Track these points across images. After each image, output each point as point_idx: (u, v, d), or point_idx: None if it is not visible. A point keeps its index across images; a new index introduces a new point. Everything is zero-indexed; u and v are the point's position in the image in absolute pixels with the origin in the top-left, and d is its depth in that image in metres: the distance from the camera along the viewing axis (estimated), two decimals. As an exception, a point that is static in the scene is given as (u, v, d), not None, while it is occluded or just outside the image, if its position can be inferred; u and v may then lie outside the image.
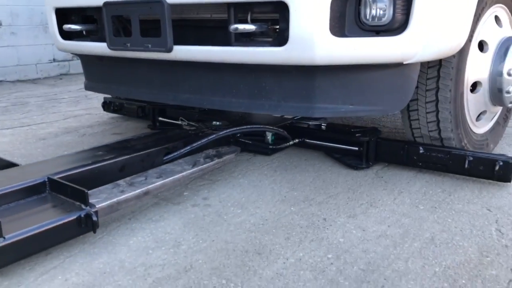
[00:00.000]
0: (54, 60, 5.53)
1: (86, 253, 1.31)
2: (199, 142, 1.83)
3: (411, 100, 1.76)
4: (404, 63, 1.55)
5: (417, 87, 1.73)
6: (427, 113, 1.78)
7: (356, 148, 1.96)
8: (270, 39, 1.62)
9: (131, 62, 2.04)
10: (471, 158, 1.73)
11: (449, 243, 1.33)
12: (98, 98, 3.81)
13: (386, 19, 1.47)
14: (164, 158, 1.78)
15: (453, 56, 1.66)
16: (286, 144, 2.09)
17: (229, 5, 1.62)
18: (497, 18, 1.91)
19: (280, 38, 1.55)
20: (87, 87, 2.40)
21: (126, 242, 1.36)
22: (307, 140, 2.11)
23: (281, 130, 2.05)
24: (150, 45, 1.78)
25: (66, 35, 2.20)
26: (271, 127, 2.05)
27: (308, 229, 1.42)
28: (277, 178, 1.86)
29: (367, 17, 1.49)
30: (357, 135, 1.94)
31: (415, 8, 1.44)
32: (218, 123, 2.13)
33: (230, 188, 1.77)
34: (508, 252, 1.28)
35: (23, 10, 5.17)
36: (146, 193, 1.51)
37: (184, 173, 1.64)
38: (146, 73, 2.04)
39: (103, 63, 2.22)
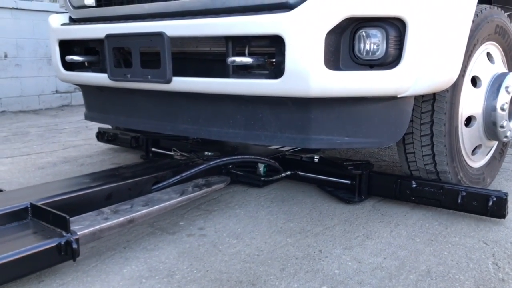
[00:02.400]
0: (56, 91, 5.61)
1: (79, 281, 1.29)
2: (188, 172, 1.82)
3: (406, 134, 1.78)
4: (398, 96, 1.57)
5: (412, 120, 1.76)
6: (422, 146, 1.80)
7: (349, 182, 1.94)
8: (266, 72, 1.66)
9: (131, 92, 2.08)
10: (464, 193, 1.71)
11: (445, 276, 1.31)
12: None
13: (379, 54, 1.51)
14: (153, 187, 1.76)
15: (447, 90, 1.70)
16: (278, 176, 2.07)
17: (227, 38, 1.66)
18: (489, 55, 1.96)
19: (276, 70, 1.59)
20: (87, 117, 2.43)
21: (119, 271, 1.35)
22: (299, 173, 2.09)
23: (273, 162, 2.04)
24: (149, 76, 1.81)
25: (69, 66, 2.25)
26: (262, 158, 2.04)
27: (304, 261, 1.40)
28: (273, 209, 1.86)
29: (361, 52, 1.53)
30: (349, 168, 1.90)
31: (407, 43, 1.48)
32: (210, 153, 2.11)
33: (226, 218, 1.77)
34: (505, 286, 1.26)
35: (28, 43, 5.29)
36: (130, 221, 1.48)
37: (171, 202, 1.62)
38: (145, 104, 2.08)
39: (103, 94, 2.26)
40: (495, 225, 1.68)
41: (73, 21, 2.24)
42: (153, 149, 2.62)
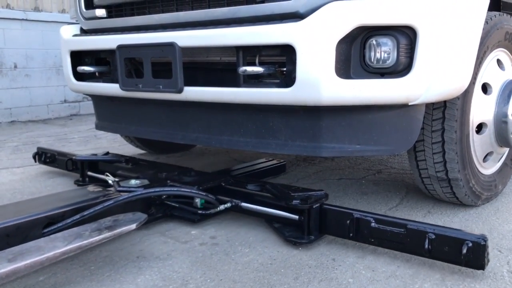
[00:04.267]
0: (65, 101, 5.66)
1: (93, 291, 1.30)
2: (91, 211, 1.48)
3: (417, 141, 1.78)
4: (409, 104, 1.58)
5: (423, 128, 1.76)
6: (433, 153, 1.79)
7: (296, 217, 1.61)
8: (277, 81, 1.67)
9: (141, 102, 2.10)
10: (433, 236, 1.34)
11: (460, 284, 1.31)
12: (107, 138, 3.87)
13: (390, 62, 1.52)
14: (44, 230, 1.41)
15: (458, 98, 1.70)
16: (216, 209, 1.72)
17: (238, 48, 1.68)
18: (499, 61, 1.96)
19: (287, 79, 1.60)
20: (98, 127, 2.45)
21: (133, 280, 1.35)
22: (242, 204, 1.73)
23: (203, 194, 1.73)
24: (161, 86, 1.83)
25: (80, 76, 2.28)
26: (188, 190, 1.72)
27: (317, 269, 1.40)
28: (284, 217, 1.86)
29: (372, 60, 1.54)
30: (294, 201, 1.57)
31: (418, 51, 1.49)
32: (137, 181, 1.78)
33: (238, 227, 1.77)
34: (521, 294, 1.25)
35: (37, 53, 5.35)
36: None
37: (49, 254, 1.22)
38: (156, 113, 2.09)
39: (114, 104, 2.28)
40: (509, 232, 1.67)
41: (84, 32, 2.27)
42: (89, 173, 2.33)
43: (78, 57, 2.27)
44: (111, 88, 2.07)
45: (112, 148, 3.42)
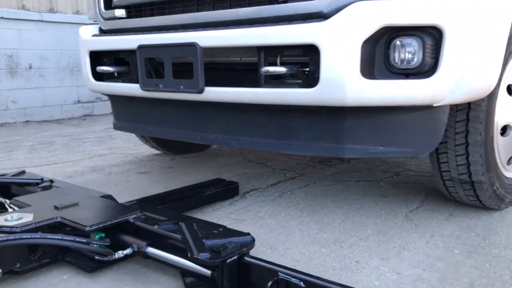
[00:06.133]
0: (78, 101, 5.70)
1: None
2: None
3: (440, 143, 1.76)
4: (434, 105, 1.56)
5: (446, 130, 1.73)
6: (456, 156, 1.77)
7: (209, 273, 1.23)
8: (299, 81, 1.66)
9: (161, 102, 2.09)
10: None
11: (488, 289, 1.28)
12: (121, 139, 3.89)
13: (415, 63, 1.50)
14: None
15: (483, 99, 1.67)
16: (113, 257, 1.36)
17: (259, 48, 1.67)
18: (524, 63, 1.93)
19: (310, 79, 1.59)
20: (116, 127, 2.45)
21: (157, 280, 1.35)
22: (148, 250, 1.36)
23: (84, 241, 1.33)
24: (182, 87, 1.83)
25: (98, 76, 2.29)
26: (70, 239, 1.32)
27: (341, 271, 1.39)
28: (304, 219, 1.84)
29: (396, 61, 1.52)
30: (201, 254, 1.18)
31: (444, 52, 1.47)
32: (14, 216, 1.41)
33: (258, 228, 1.76)
34: (552, 300, 1.23)
35: (51, 54, 5.39)
36: None
37: None
38: (175, 114, 2.09)
39: (132, 104, 2.29)
40: (534, 236, 1.65)
41: (103, 32, 2.28)
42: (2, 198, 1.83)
43: (97, 57, 2.28)
44: (131, 88, 2.08)
45: (127, 148, 3.44)
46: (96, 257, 1.38)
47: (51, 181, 1.97)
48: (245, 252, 1.24)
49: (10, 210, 1.61)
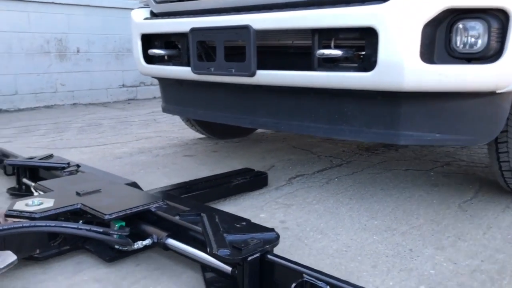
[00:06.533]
0: (123, 85, 5.83)
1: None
2: None
3: (500, 132, 1.69)
4: (497, 92, 1.49)
5: (507, 118, 1.66)
6: (517, 145, 1.70)
7: (229, 269, 1.14)
8: (355, 65, 1.62)
9: (210, 86, 2.11)
10: None
11: (551, 283, 1.23)
12: (166, 122, 3.96)
13: (479, 47, 1.44)
14: None
15: (548, 86, 1.59)
16: (132, 247, 1.30)
17: (314, 31, 1.65)
18: None
19: (366, 63, 1.55)
20: (165, 110, 2.50)
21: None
22: (168, 241, 1.30)
23: (101, 231, 1.27)
24: (233, 70, 1.83)
25: (149, 59, 2.32)
26: (85, 228, 1.25)
27: (395, 259, 1.37)
28: (354, 206, 1.82)
29: (458, 45, 1.46)
30: (221, 250, 1.09)
31: (511, 35, 1.40)
32: (35, 202, 1.39)
33: (306, 213, 1.75)
34: None
35: (98, 38, 5.52)
36: None
37: None
38: (224, 97, 2.10)
39: (182, 87, 2.31)
40: None
41: (154, 15, 2.31)
42: (24, 180, 1.94)
43: (148, 40, 2.31)
44: (182, 71, 2.10)
45: (172, 132, 3.50)
46: (116, 247, 1.32)
47: (78, 165, 1.96)
48: (268, 249, 1.13)
49: (35, 193, 1.60)
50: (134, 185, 1.70)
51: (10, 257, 1.14)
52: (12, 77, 4.85)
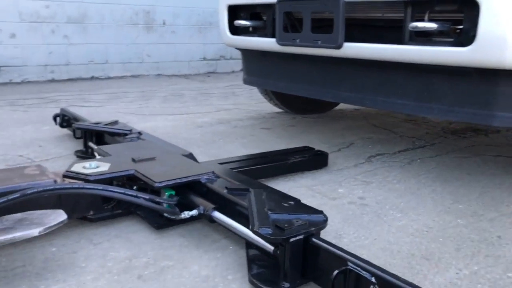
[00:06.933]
0: (204, 58, 5.98)
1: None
2: None
3: None
4: None
5: None
6: None
7: (271, 249, 1.09)
8: (449, 39, 1.54)
9: (294, 58, 2.10)
10: None
11: None
12: (244, 95, 4.02)
13: None
14: None
15: None
16: (179, 217, 1.31)
17: (407, 3, 1.58)
18: None
19: (464, 38, 1.47)
20: (246, 82, 2.54)
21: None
22: (214, 214, 1.28)
23: (147, 198, 1.29)
24: (319, 41, 1.81)
25: (234, 30, 2.36)
26: (132, 194, 1.28)
27: (481, 244, 1.30)
28: (436, 188, 1.76)
29: None
30: (262, 228, 1.05)
31: None
32: (92, 164, 1.42)
33: (386, 191, 1.72)
34: None
35: (183, 11, 5.69)
36: None
37: None
38: (307, 70, 2.09)
39: (265, 59, 2.33)
40: None
41: (241, -13, 2.33)
42: (90, 143, 2.02)
43: (234, 11, 2.35)
44: (266, 43, 2.11)
45: (249, 105, 3.56)
46: (165, 215, 1.33)
47: (140, 133, 1.98)
48: (313, 232, 1.06)
49: (98, 157, 1.65)
50: (190, 156, 1.68)
51: (61, 216, 1.15)
52: (104, 47, 5.16)
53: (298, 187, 1.75)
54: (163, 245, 1.28)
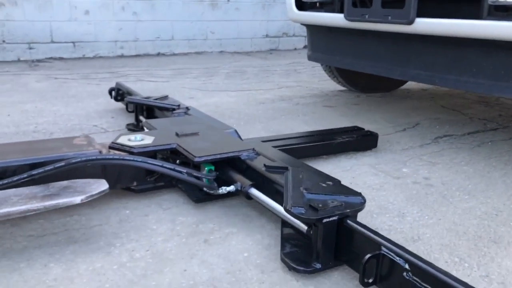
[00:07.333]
0: (266, 35, 5.97)
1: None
2: (40, 170, 1.19)
3: None
4: None
5: None
6: None
7: (305, 228, 1.08)
8: (533, 14, 1.44)
9: (361, 34, 2.06)
10: None
11: None
12: (307, 73, 3.99)
13: None
14: None
15: None
16: (217, 192, 1.31)
17: (487, -25, 1.49)
18: None
19: (550, 13, 1.37)
20: (311, 58, 2.52)
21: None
22: (251, 190, 1.27)
23: (184, 171, 1.31)
24: (390, 17, 1.76)
25: (301, 6, 2.34)
26: (170, 166, 1.30)
27: (556, 231, 1.24)
28: (509, 172, 1.68)
29: None
30: (294, 208, 1.03)
31: None
32: (137, 137, 1.46)
33: (453, 173, 1.67)
34: None
35: (247, -12, 5.68)
36: None
37: None
38: (375, 46, 2.04)
39: (331, 35, 2.30)
40: None
41: (309, -39, 2.29)
42: (141, 117, 2.10)
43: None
44: (334, 18, 2.08)
45: (312, 83, 3.53)
46: (205, 189, 1.35)
47: (187, 108, 1.99)
48: (348, 214, 1.03)
49: (146, 130, 1.67)
50: (235, 133, 1.67)
51: (103, 185, 1.18)
52: (170, 24, 5.29)
53: (360, 165, 1.73)
54: (227, 213, 1.33)
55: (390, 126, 2.26)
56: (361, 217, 1.30)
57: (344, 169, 1.69)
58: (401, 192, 1.49)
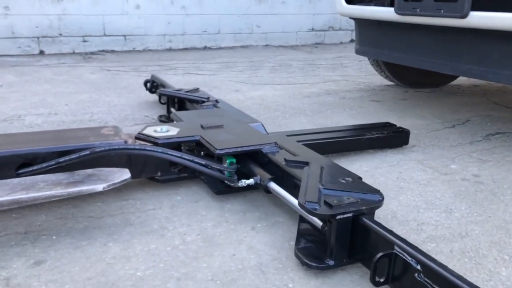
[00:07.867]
0: (312, 29, 5.95)
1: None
2: (66, 158, 1.23)
3: None
4: None
5: None
6: None
7: (320, 224, 1.07)
8: None
9: (411, 28, 2.03)
10: None
11: None
12: (353, 67, 3.96)
13: None
14: (18, 171, 1.24)
15: None
16: (237, 185, 1.32)
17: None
18: None
19: None
20: (359, 52, 2.50)
21: (396, 197, 1.40)
22: (270, 184, 1.26)
23: (202, 162, 1.32)
24: (442, 10, 1.73)
25: (349, 0, 2.33)
26: (189, 158, 1.31)
27: None
28: None
29: None
30: (308, 203, 1.02)
31: None
32: (163, 129, 1.48)
33: (505, 171, 1.62)
34: None
35: (293, -18, 5.67)
36: None
37: None
38: (425, 41, 2.01)
39: (380, 28, 2.28)
40: None
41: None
42: (172, 109, 2.15)
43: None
44: (383, 12, 2.06)
45: (358, 77, 3.50)
46: (226, 181, 1.36)
47: (217, 101, 2.00)
48: (364, 211, 1.01)
49: (175, 122, 1.69)
50: (260, 126, 1.66)
51: (125, 174, 1.22)
52: (217, 17, 5.38)
53: (408, 160, 1.72)
54: (274, 203, 1.37)
55: (438, 122, 2.22)
56: (407, 211, 1.31)
57: (390, 164, 1.68)
58: (449, 188, 1.47)
